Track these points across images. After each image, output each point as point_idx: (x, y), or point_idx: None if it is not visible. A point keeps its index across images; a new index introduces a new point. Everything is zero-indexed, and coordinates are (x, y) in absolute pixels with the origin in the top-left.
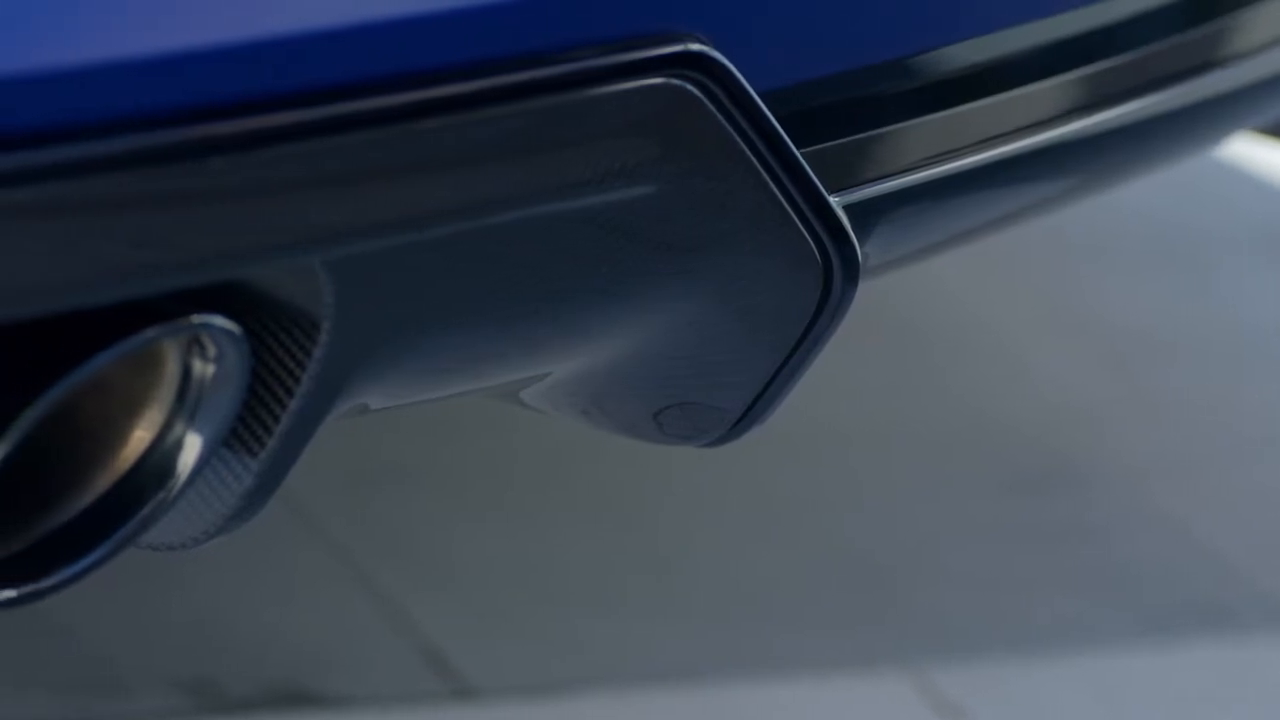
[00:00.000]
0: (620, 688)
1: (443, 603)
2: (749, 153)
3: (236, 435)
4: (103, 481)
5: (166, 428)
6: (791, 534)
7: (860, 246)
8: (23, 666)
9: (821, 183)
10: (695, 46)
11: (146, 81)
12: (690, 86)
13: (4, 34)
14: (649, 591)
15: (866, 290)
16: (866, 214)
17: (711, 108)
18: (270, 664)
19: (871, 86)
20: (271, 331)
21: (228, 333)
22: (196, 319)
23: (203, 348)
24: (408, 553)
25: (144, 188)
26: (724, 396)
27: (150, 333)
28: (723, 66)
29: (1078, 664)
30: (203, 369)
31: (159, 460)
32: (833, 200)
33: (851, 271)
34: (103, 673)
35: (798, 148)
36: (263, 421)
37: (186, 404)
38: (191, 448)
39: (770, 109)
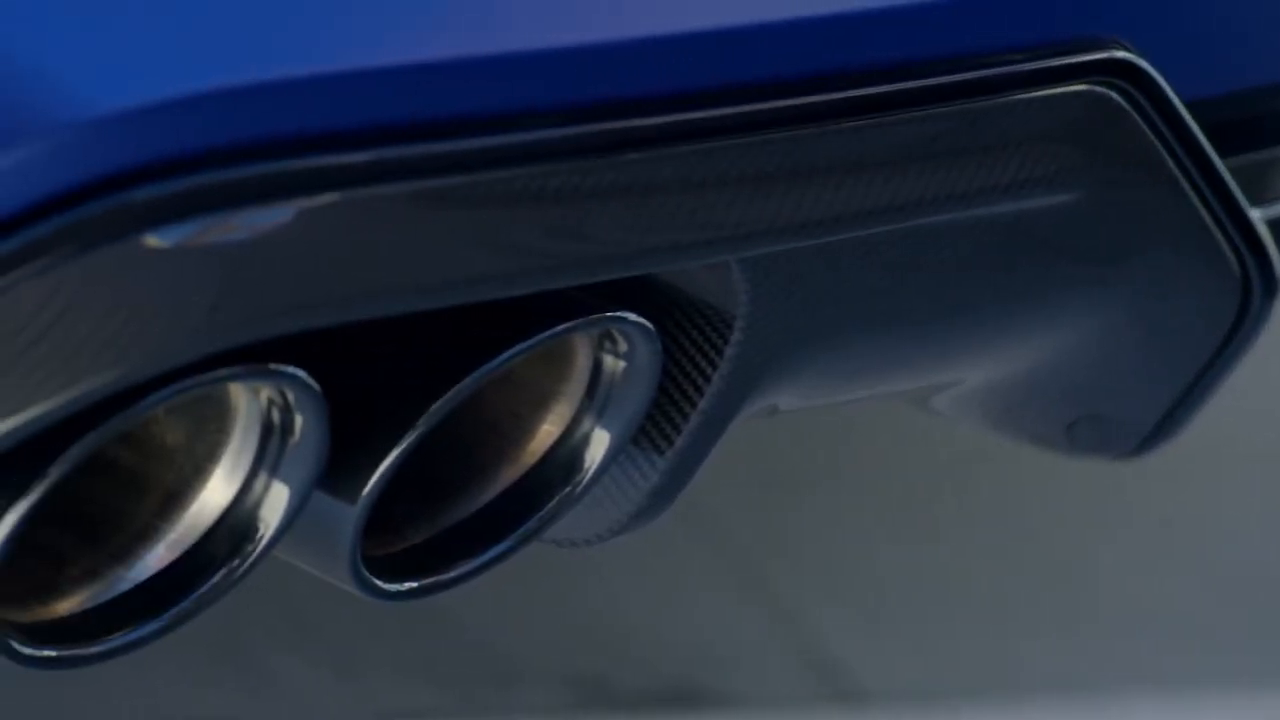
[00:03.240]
0: (1008, 698)
1: (836, 607)
2: (1171, 163)
3: (644, 432)
4: (509, 475)
5: (575, 423)
6: (1190, 551)
7: None
8: (413, 657)
9: (1242, 195)
10: (1121, 54)
11: (575, 73)
12: (1114, 94)
13: (431, 21)
14: (1041, 603)
15: None
16: None
17: (1135, 116)
18: (661, 663)
19: None
20: (683, 329)
21: (641, 328)
22: (610, 314)
23: (614, 343)
24: (803, 557)
25: (567, 181)
26: (1137, 409)
27: (564, 326)
28: (1148, 75)
29: None
30: (613, 365)
31: (566, 455)
32: (1254, 214)
33: (1270, 285)
34: (493, 665)
35: (1219, 159)
36: (671, 419)
37: (596, 399)
38: (599, 443)
39: (1193, 119)
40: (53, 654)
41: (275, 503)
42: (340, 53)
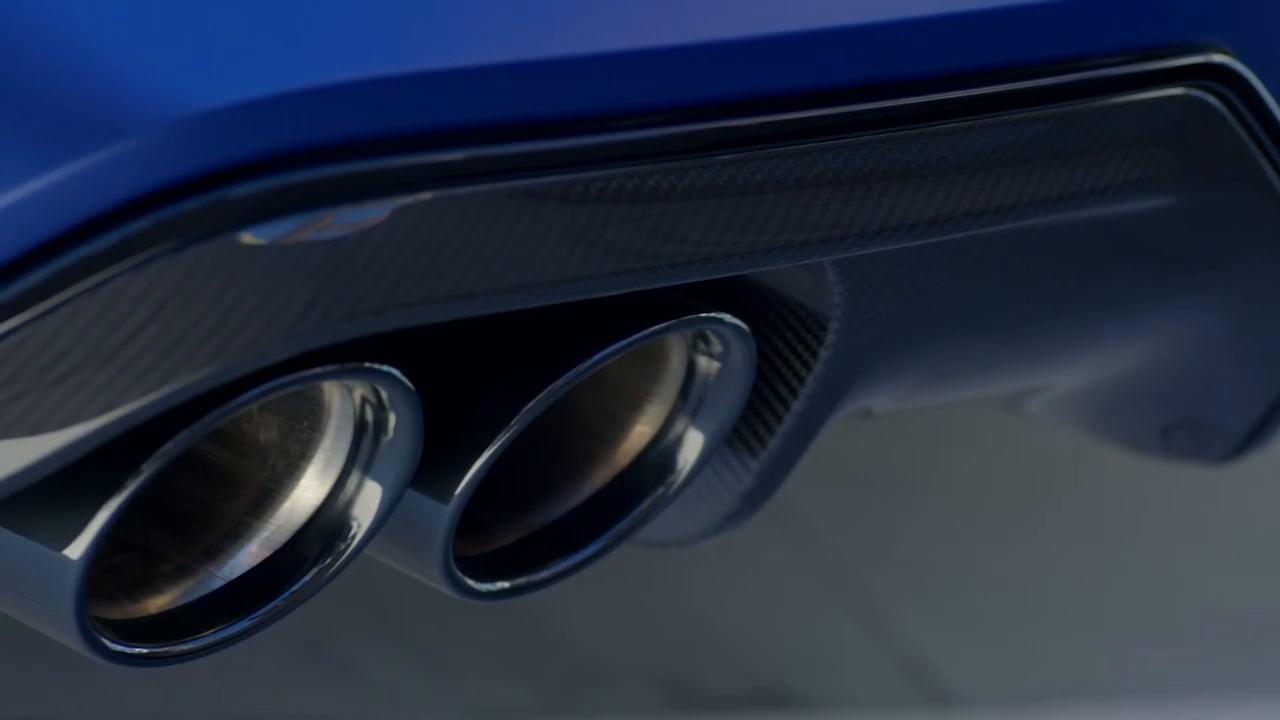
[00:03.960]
0: (1102, 703)
1: (926, 609)
2: (1267, 167)
3: (738, 434)
4: (602, 475)
5: (668, 424)
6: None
7: None
8: (502, 657)
9: None
10: (1219, 58)
11: (671, 74)
12: (1211, 98)
13: (526, 22)
14: (1136, 608)
15: None
16: None
17: (1232, 120)
18: (750, 664)
19: None
20: (777, 330)
21: (736, 329)
22: (705, 314)
23: (708, 344)
24: (895, 560)
25: (663, 181)
26: (1231, 414)
27: (659, 327)
28: (1245, 79)
29: None
30: (708, 366)
31: (659, 456)
32: None
33: None
34: (582, 665)
35: None
36: (765, 421)
37: (690, 400)
38: (693, 445)
39: None
40: (144, 651)
41: (368, 501)
42: (438, 52)
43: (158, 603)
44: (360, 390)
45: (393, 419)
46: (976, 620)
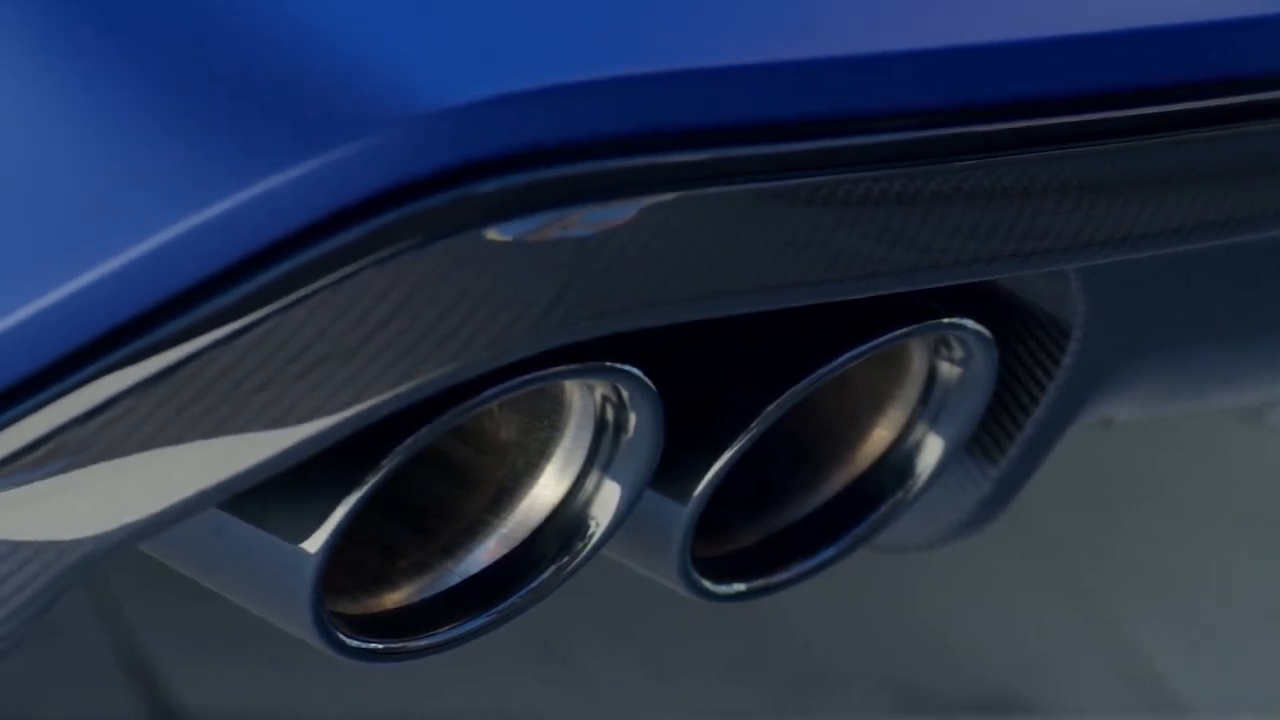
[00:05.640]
0: None
1: (1159, 618)
2: None
3: (977, 440)
4: (841, 478)
5: (908, 428)
6: None
7: None
8: (730, 658)
9: None
10: None
11: (915, 78)
12: None
13: (766, 24)
14: None
15: None
16: None
17: None
18: (981, 671)
19: None
20: (1019, 336)
21: (978, 335)
22: (948, 320)
23: (950, 349)
24: (1127, 569)
25: (909, 185)
26: None
27: (902, 331)
28: None
29: None
30: (949, 371)
31: (899, 460)
32: None
33: None
34: (810, 668)
35: None
36: (1005, 428)
37: (930, 405)
38: (932, 450)
39: None
40: (379, 647)
41: (606, 501)
42: (689, 51)
43: (394, 598)
44: (601, 389)
45: (633, 419)
46: (1207, 633)
